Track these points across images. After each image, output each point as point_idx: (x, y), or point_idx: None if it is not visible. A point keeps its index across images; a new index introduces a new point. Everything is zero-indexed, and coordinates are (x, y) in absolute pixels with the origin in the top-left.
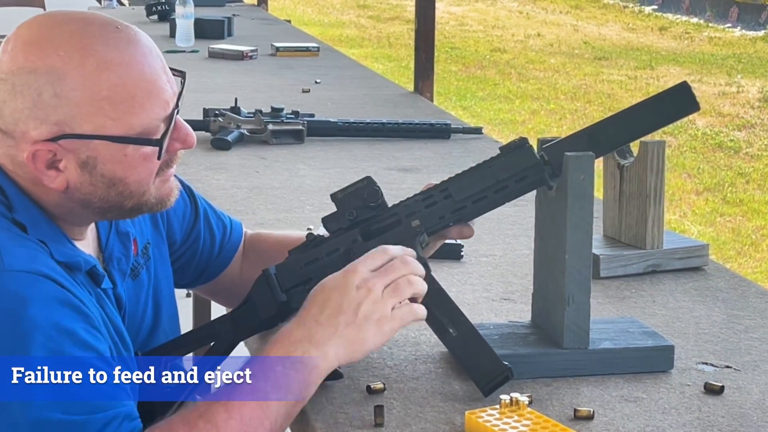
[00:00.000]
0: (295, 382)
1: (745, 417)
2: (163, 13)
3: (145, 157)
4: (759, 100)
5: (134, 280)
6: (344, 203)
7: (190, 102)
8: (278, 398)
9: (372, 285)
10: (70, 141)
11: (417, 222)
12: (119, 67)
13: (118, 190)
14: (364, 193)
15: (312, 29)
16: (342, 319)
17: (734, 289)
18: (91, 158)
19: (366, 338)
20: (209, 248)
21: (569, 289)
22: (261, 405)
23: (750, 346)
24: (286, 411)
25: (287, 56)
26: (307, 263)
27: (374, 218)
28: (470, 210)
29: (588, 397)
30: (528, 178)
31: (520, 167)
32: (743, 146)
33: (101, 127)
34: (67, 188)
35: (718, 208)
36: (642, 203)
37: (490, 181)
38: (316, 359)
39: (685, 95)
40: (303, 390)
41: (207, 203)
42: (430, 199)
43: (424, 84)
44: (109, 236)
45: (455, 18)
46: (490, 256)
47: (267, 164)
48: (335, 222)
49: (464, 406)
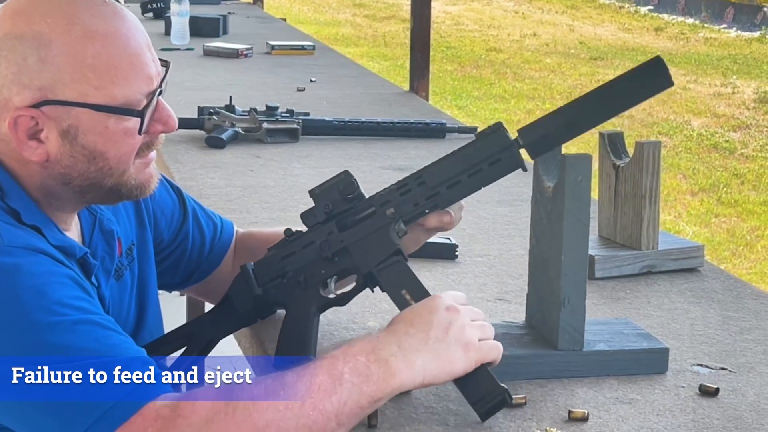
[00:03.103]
0: (375, 376)
1: (740, 419)
2: (158, 11)
3: (126, 132)
4: (754, 101)
5: (118, 280)
6: (321, 198)
7: (184, 100)
8: (353, 382)
9: (460, 309)
10: (52, 108)
11: (392, 210)
12: (104, 37)
13: (98, 166)
14: (341, 187)
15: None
16: (432, 334)
17: (729, 290)
18: (73, 127)
19: (454, 358)
20: (199, 247)
21: (565, 290)
22: (334, 379)
23: (745, 348)
24: (357, 401)
25: (282, 55)
26: (284, 257)
27: (350, 210)
28: (445, 196)
29: (582, 398)
30: (501, 161)
31: (492, 150)
32: (738, 147)
33: (84, 95)
34: (47, 161)
35: (713, 209)
36: (637, 204)
37: (463, 165)
38: (401, 364)
39: (659, 71)
40: (379, 388)
41: (196, 203)
42: (404, 188)
43: (420, 83)
44: (93, 234)
45: (451, 17)
46: (485, 257)
47: (262, 163)
48: (312, 217)
49: (458, 408)
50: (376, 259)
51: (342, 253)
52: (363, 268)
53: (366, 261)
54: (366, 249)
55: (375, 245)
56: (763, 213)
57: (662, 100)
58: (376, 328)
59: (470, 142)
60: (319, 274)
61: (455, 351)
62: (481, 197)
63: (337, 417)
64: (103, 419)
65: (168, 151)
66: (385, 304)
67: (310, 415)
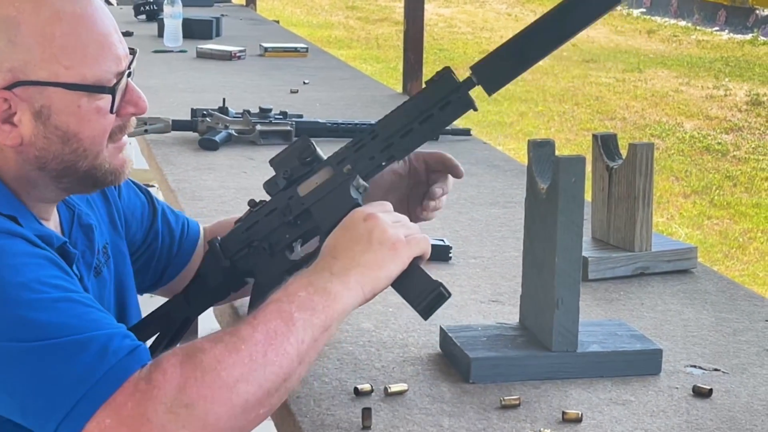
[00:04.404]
0: (320, 305)
1: (734, 420)
2: (151, 13)
3: (98, 111)
4: (746, 103)
5: (97, 277)
6: (281, 166)
7: (177, 102)
8: (303, 318)
9: (378, 216)
10: (24, 89)
11: (348, 166)
12: (72, 18)
13: (72, 147)
14: (298, 152)
15: (300, 30)
16: (357, 249)
17: (722, 291)
18: (45, 107)
19: (385, 262)
20: (168, 246)
21: (558, 291)
22: (286, 322)
23: (738, 349)
24: (312, 335)
25: (275, 57)
26: (248, 227)
27: (309, 173)
28: (399, 145)
29: (576, 399)
30: (452, 104)
31: (441, 94)
32: (731, 149)
33: (55, 74)
34: (21, 144)
35: (706, 211)
36: (630, 205)
37: (414, 113)
38: (339, 287)
39: None
40: (328, 318)
41: (165, 204)
42: (359, 143)
43: (413, 85)
44: (72, 229)
45: (444, 20)
46: (479, 258)
47: (255, 165)
48: (274, 185)
49: (452, 409)
50: (337, 216)
51: (304, 216)
52: (324, 227)
53: (327, 220)
54: (326, 208)
55: (335, 203)
56: (755, 215)
57: (655, 102)
58: (371, 330)
59: (421, 90)
60: (284, 238)
61: (384, 255)
62: (475, 199)
63: (298, 356)
64: (88, 395)
65: (161, 153)
66: (378, 305)
67: (275, 361)
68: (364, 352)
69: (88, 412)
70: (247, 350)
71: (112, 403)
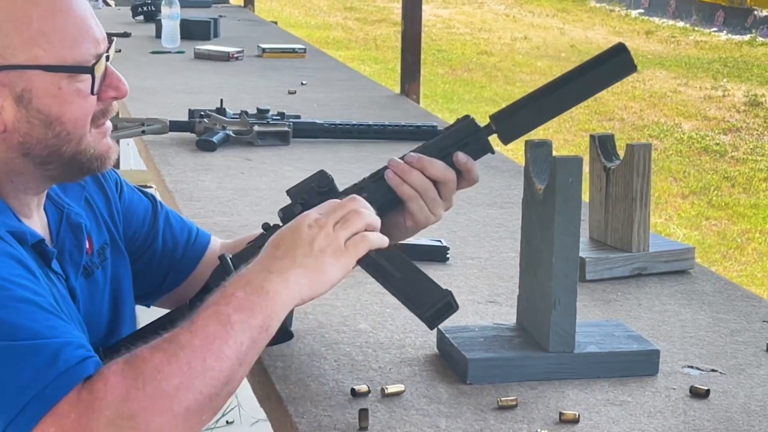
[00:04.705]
0: (258, 306)
1: (731, 421)
2: (149, 14)
3: (79, 93)
4: (744, 104)
5: (87, 278)
6: (297, 195)
7: (175, 103)
8: (241, 320)
9: (323, 222)
10: (4, 74)
11: (366, 195)
12: (48, 2)
13: (56, 131)
14: (315, 182)
15: (299, 31)
16: (299, 252)
17: (720, 292)
18: (26, 91)
19: (325, 268)
20: (171, 249)
21: (556, 292)
22: (224, 324)
23: (736, 350)
24: (250, 336)
25: (273, 58)
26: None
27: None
28: None
29: (573, 400)
30: (470, 145)
31: (461, 136)
32: (729, 150)
33: (34, 57)
34: (4, 131)
35: (704, 212)
36: (628, 206)
37: (433, 151)
38: (277, 285)
39: (623, 57)
40: (266, 317)
41: (172, 210)
42: (377, 175)
43: (411, 86)
44: (60, 228)
45: (442, 21)
46: (476, 259)
47: (252, 166)
48: (290, 212)
49: (449, 410)
50: None
51: None
52: None
53: None
54: None
55: None
56: (753, 215)
57: (653, 103)
58: (368, 331)
59: (440, 134)
60: None
61: (324, 261)
62: (472, 200)
63: (238, 358)
64: (34, 402)
65: (159, 154)
66: (375, 306)
67: (214, 367)
68: (361, 353)
69: (33, 418)
70: (185, 357)
71: (57, 412)
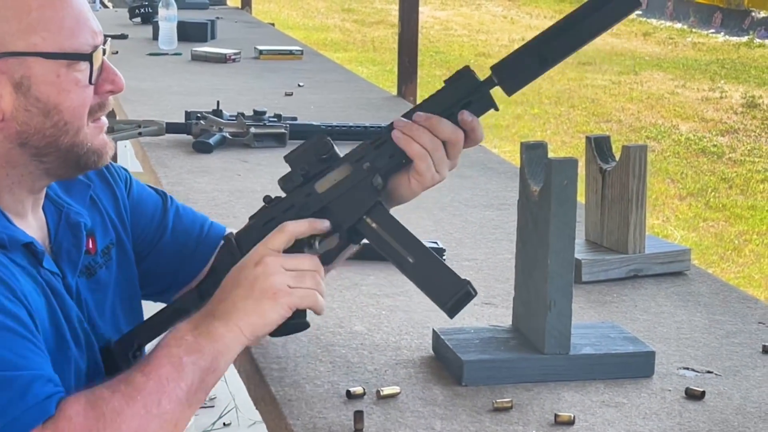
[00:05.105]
0: (206, 348)
1: (726, 422)
2: (146, 16)
3: (77, 82)
4: (742, 105)
5: (89, 278)
6: (297, 162)
7: (172, 105)
8: (192, 361)
9: (268, 261)
10: (3, 61)
11: (368, 164)
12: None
13: (54, 120)
14: (315, 149)
15: (296, 33)
16: (239, 293)
17: (716, 294)
18: (26, 78)
19: (264, 310)
20: (182, 243)
21: (551, 294)
22: (176, 367)
23: (731, 352)
24: (200, 377)
25: (270, 59)
26: (265, 223)
27: (326, 170)
28: None
29: (569, 402)
30: (473, 103)
31: (463, 94)
32: (726, 151)
33: (33, 44)
34: (2, 120)
35: (701, 213)
36: (624, 208)
37: (436, 110)
38: (221, 329)
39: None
40: (215, 358)
41: (184, 205)
42: (378, 141)
43: (408, 88)
44: (59, 228)
45: (440, 22)
46: (472, 260)
47: (249, 167)
48: (290, 181)
49: (445, 412)
50: (357, 213)
51: (322, 213)
52: (345, 223)
53: (348, 216)
54: (347, 205)
55: (355, 200)
56: (750, 217)
57: (650, 104)
58: (363, 333)
59: (440, 88)
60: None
61: (263, 303)
62: (468, 201)
63: (188, 400)
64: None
65: (155, 156)
66: (371, 308)
67: (168, 409)
68: (356, 355)
69: None
70: (142, 400)
71: None
